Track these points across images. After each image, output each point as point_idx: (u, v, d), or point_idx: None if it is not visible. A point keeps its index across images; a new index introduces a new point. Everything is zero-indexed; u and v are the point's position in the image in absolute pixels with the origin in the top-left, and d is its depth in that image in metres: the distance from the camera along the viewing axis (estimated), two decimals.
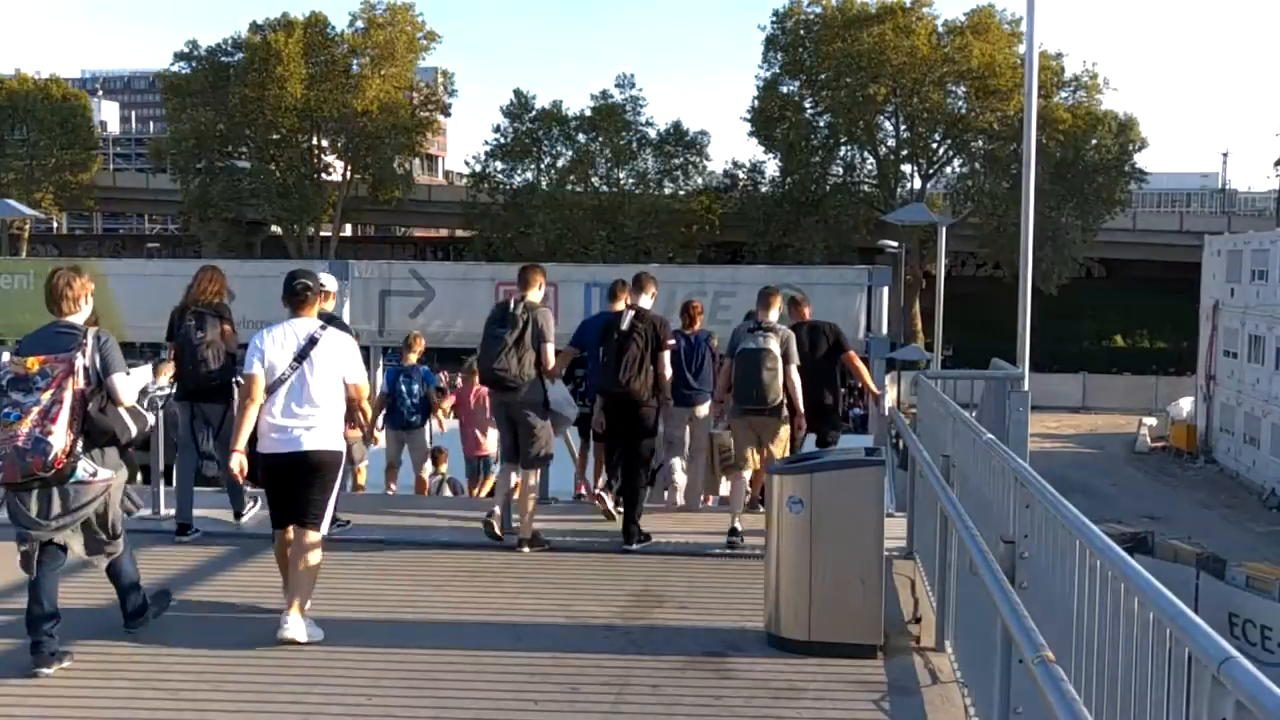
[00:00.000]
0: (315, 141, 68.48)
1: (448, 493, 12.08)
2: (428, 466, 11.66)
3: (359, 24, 66.38)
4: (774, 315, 8.63)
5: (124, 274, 15.88)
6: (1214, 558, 23.30)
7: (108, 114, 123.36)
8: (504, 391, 7.95)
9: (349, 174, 68.87)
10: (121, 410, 5.62)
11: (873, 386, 10.41)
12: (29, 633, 5.47)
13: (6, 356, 5.77)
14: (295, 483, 6.00)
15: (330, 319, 7.27)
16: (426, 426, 11.54)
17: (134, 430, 5.72)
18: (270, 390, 5.96)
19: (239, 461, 6.05)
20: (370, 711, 5.07)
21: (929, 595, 6.64)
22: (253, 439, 6.07)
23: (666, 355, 8.40)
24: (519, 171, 67.71)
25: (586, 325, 9.36)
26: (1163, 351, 61.23)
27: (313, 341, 6.02)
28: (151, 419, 6.37)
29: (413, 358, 11.55)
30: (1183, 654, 2.30)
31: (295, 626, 5.84)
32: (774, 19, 64.31)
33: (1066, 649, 3.26)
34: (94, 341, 5.55)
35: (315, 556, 6.01)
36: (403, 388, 11.22)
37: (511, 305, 7.92)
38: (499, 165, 67.47)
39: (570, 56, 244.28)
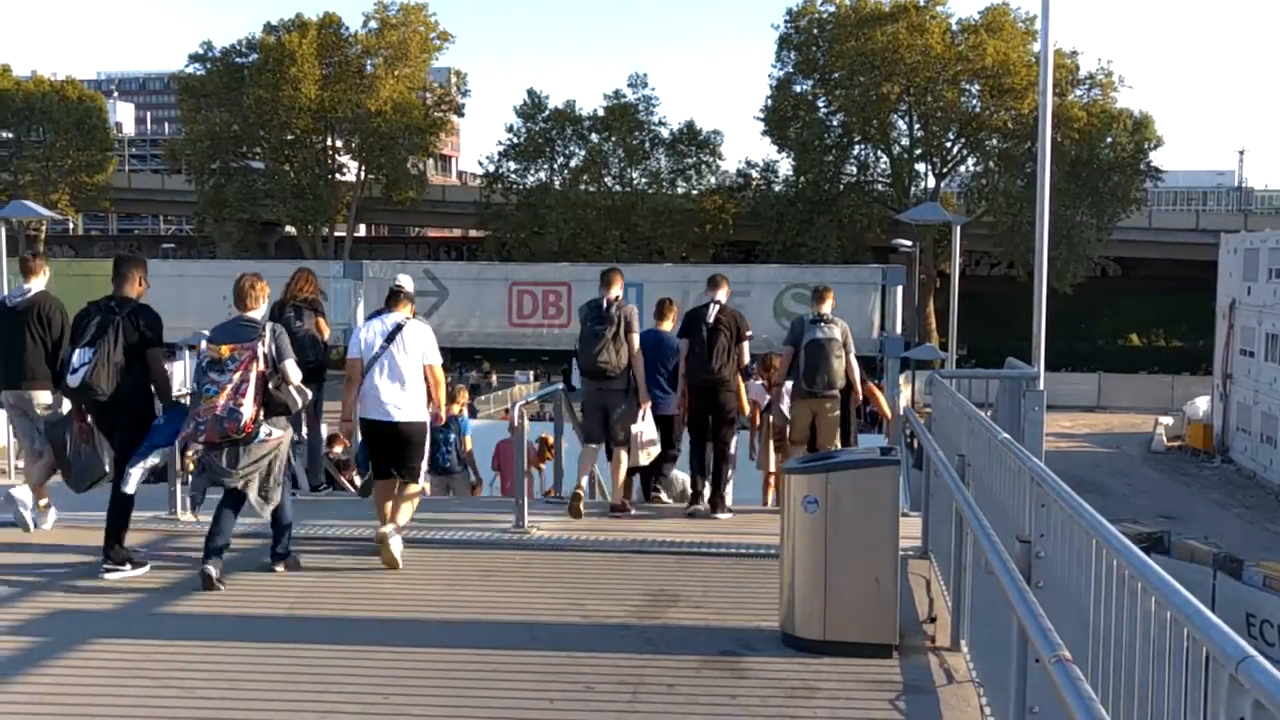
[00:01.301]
0: (329, 142, 68.68)
1: None
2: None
3: (372, 24, 66.55)
4: (828, 308, 9.55)
5: None
6: (1231, 558, 23.20)
7: (123, 115, 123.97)
8: (603, 380, 9.02)
9: (363, 174, 69.05)
10: (290, 388, 7.04)
11: (886, 411, 10.62)
12: (204, 556, 6.93)
13: (204, 345, 6.97)
14: (392, 446, 7.57)
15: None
16: (468, 469, 11.90)
17: (299, 403, 7.19)
18: (368, 367, 7.46)
19: (349, 430, 7.76)
20: (386, 710, 5.08)
21: (944, 595, 6.63)
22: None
23: (746, 345, 9.46)
24: (532, 171, 67.79)
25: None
26: (1179, 350, 60.94)
27: (399, 328, 7.54)
28: (310, 395, 7.63)
29: (455, 408, 11.74)
30: (1200, 653, 2.29)
31: (396, 542, 7.37)
32: (787, 18, 64.24)
33: (1083, 649, 3.26)
34: (270, 333, 6.98)
35: (414, 499, 7.66)
36: (440, 436, 11.01)
37: (605, 305, 8.96)
38: (512, 165, 67.56)
39: (583, 56, 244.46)
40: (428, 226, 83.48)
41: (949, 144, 64.34)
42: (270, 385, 6.88)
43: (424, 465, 7.74)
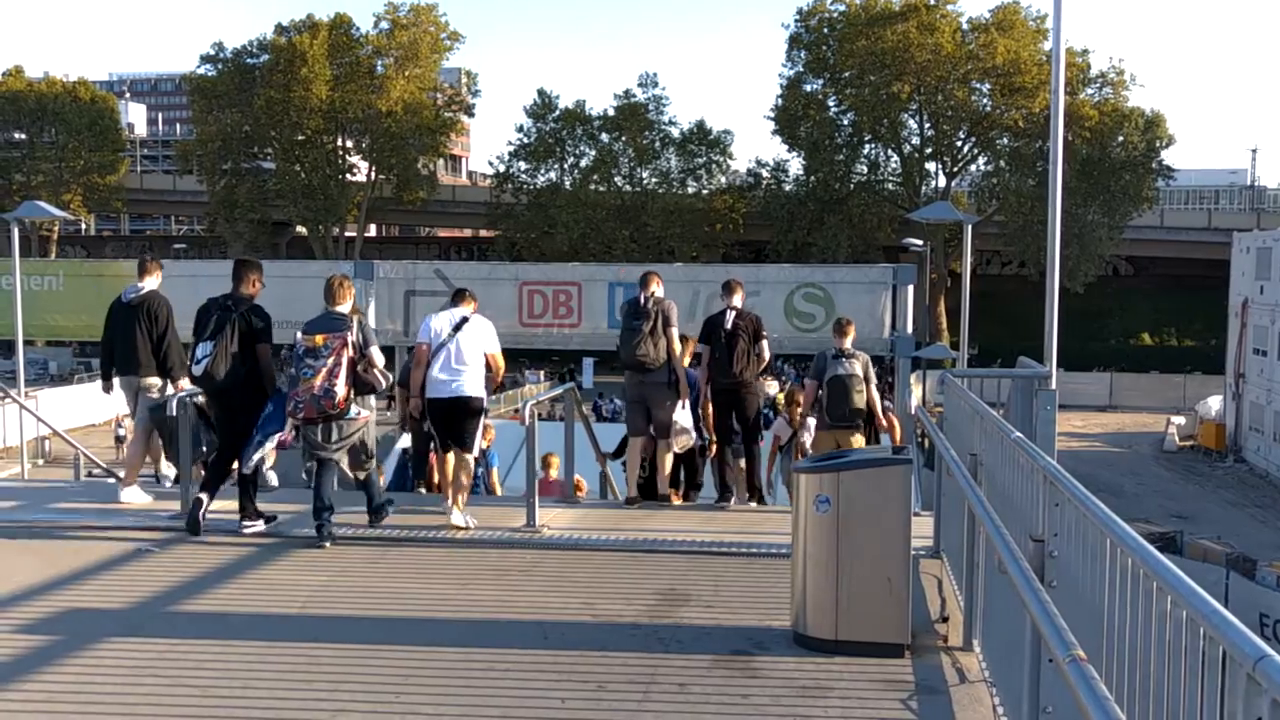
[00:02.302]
0: (340, 142, 68.86)
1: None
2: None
3: (383, 25, 66.76)
4: (849, 342, 10.07)
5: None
6: (1244, 557, 23.10)
7: (135, 116, 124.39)
8: (643, 373, 9.41)
9: (373, 174, 69.19)
10: (376, 371, 8.07)
11: (898, 440, 10.86)
12: (314, 519, 7.96)
13: (300, 335, 7.96)
14: (452, 419, 8.47)
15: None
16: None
17: (383, 383, 8.28)
18: (435, 353, 8.40)
19: (417, 405, 8.65)
20: (398, 709, 5.09)
21: (956, 594, 6.61)
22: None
23: (765, 343, 9.89)
24: (542, 171, 67.92)
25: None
26: (1191, 349, 60.76)
27: (465, 320, 8.54)
28: (391, 378, 8.71)
29: (484, 443, 11.88)
30: (1216, 652, 2.28)
31: (456, 516, 8.40)
32: (797, 17, 64.29)
33: (1097, 648, 3.24)
34: (357, 325, 8.07)
35: (469, 468, 8.61)
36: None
37: (642, 301, 9.34)
38: (522, 165, 67.67)
39: (593, 56, 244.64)
40: (438, 226, 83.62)
41: (960, 143, 64.25)
42: (359, 369, 7.97)
43: (479, 438, 8.77)
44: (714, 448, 10.20)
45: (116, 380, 9.52)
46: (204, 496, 8.23)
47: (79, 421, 37.40)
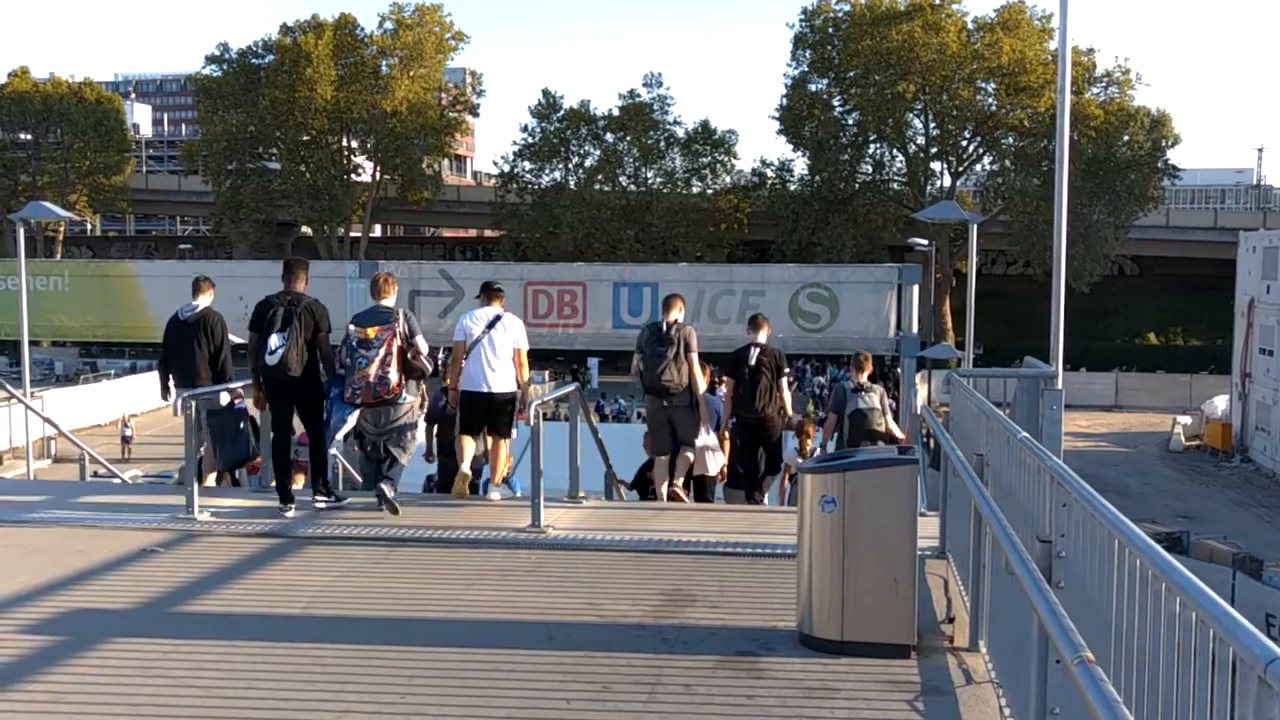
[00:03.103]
0: (345, 143, 68.93)
1: None
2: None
3: (388, 25, 66.80)
4: (866, 376, 10.59)
5: (155, 275, 16.03)
6: (1250, 558, 23.07)
7: (140, 117, 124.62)
8: (666, 396, 9.86)
9: (378, 175, 69.24)
10: (422, 359, 8.82)
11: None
12: (376, 484, 8.79)
13: (352, 328, 8.72)
14: (486, 410, 9.21)
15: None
16: None
17: (429, 368, 9.00)
18: (469, 350, 9.15)
19: (456, 397, 9.31)
20: (403, 710, 5.08)
21: (962, 595, 6.59)
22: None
23: (785, 381, 10.33)
24: (547, 171, 67.93)
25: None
26: (1197, 349, 60.64)
27: (497, 318, 9.25)
28: (433, 366, 9.40)
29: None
30: (1227, 654, 2.26)
31: (494, 493, 9.44)
32: (802, 17, 64.21)
33: (1104, 650, 3.22)
34: (404, 317, 8.81)
35: (504, 452, 9.45)
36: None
37: (665, 328, 9.77)
38: (527, 165, 67.70)
39: (598, 56, 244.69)
40: (443, 226, 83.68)
41: (965, 142, 64.19)
42: (409, 356, 8.69)
43: (512, 425, 9.44)
44: (724, 474, 10.55)
45: (173, 392, 10.24)
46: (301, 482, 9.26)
47: (84, 422, 37.49)
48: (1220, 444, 44.19)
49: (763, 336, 10.26)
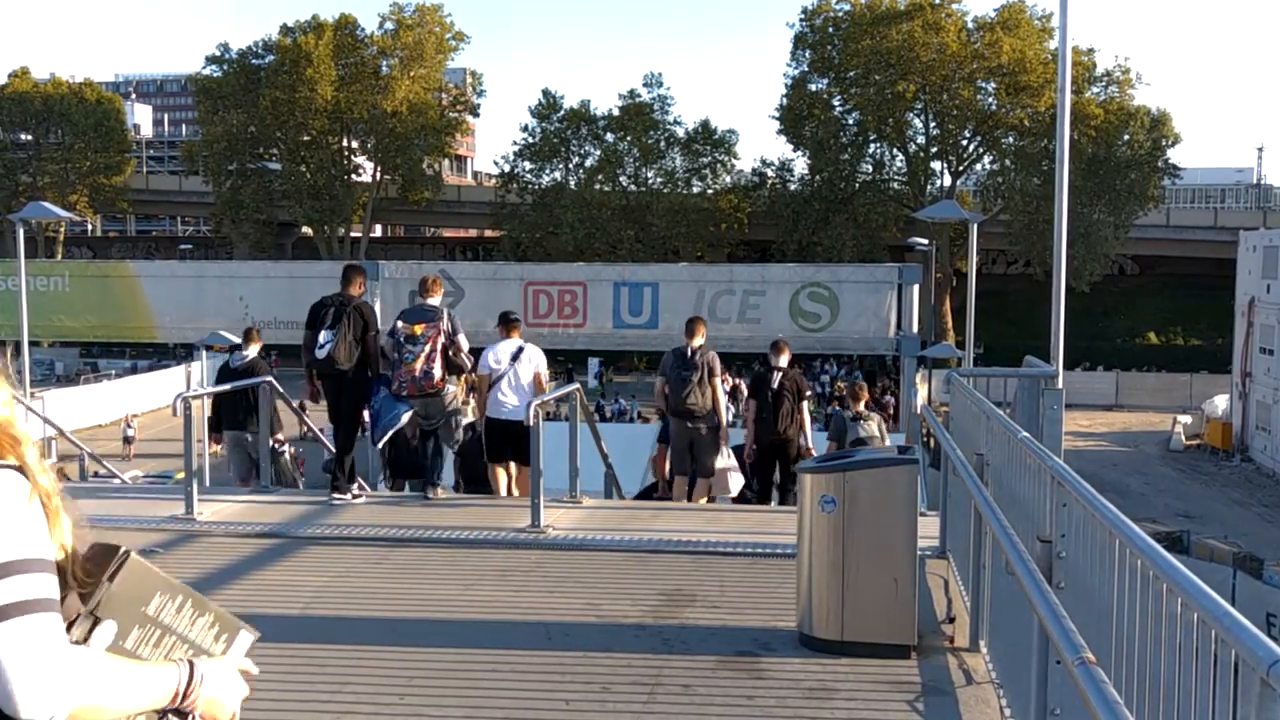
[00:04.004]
0: (345, 143, 68.87)
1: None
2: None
3: (388, 25, 66.69)
4: (864, 405, 11.08)
5: (156, 275, 16.04)
6: (1251, 557, 23.06)
7: (141, 117, 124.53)
8: (691, 419, 10.27)
9: (379, 175, 69.21)
10: (463, 355, 9.44)
11: None
12: (424, 485, 9.76)
13: (399, 324, 9.33)
14: (513, 437, 9.53)
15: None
16: None
17: (468, 366, 9.67)
18: (495, 380, 9.74)
19: (481, 420, 10.04)
20: (402, 710, 5.07)
21: (963, 595, 6.58)
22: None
23: (806, 404, 10.79)
24: (547, 171, 67.82)
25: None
26: (1197, 349, 60.57)
27: (520, 350, 9.87)
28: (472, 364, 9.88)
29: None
30: (1228, 656, 2.24)
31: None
32: (802, 16, 64.09)
33: (1105, 650, 3.21)
34: (447, 316, 9.46)
35: (526, 478, 9.46)
36: None
37: (690, 353, 10.21)
38: (527, 165, 67.60)
39: (598, 56, 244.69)
40: (443, 227, 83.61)
41: (965, 142, 64.11)
42: (450, 353, 9.26)
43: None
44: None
45: (225, 435, 11.52)
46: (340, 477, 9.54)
47: (85, 422, 37.43)
48: (1221, 443, 44.16)
49: (784, 360, 10.77)
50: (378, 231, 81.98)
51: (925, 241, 46.58)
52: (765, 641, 5.99)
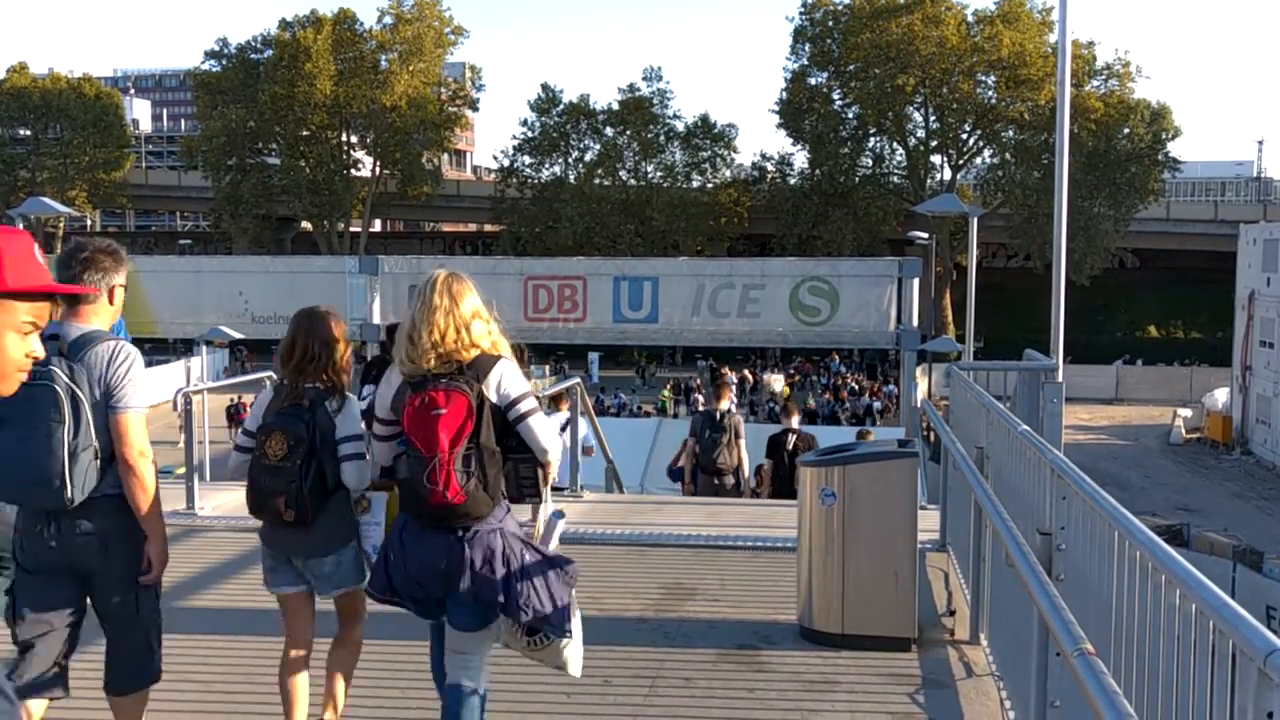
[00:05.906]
0: (344, 138, 68.83)
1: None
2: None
3: (387, 20, 66.63)
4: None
5: (155, 271, 16.04)
6: (1251, 550, 23.05)
7: (139, 112, 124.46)
8: (719, 476, 11.09)
9: (378, 170, 69.17)
10: None
11: None
12: None
13: None
14: None
15: None
16: None
17: None
18: None
19: None
20: (403, 704, 5.08)
21: (963, 588, 6.59)
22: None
23: None
24: (547, 166, 67.80)
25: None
26: (1198, 342, 60.58)
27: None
28: None
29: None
30: (1226, 647, 2.25)
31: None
32: (802, 10, 64.03)
33: (1105, 642, 3.22)
34: None
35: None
36: None
37: (718, 416, 11.24)
38: (527, 160, 67.57)
39: (598, 50, 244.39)
40: (443, 221, 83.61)
41: (965, 136, 64.07)
42: None
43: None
44: None
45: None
46: None
47: None
48: (1221, 437, 44.17)
49: (795, 421, 11.89)
50: (377, 226, 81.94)
51: (925, 235, 46.60)
52: (766, 634, 6.01)
